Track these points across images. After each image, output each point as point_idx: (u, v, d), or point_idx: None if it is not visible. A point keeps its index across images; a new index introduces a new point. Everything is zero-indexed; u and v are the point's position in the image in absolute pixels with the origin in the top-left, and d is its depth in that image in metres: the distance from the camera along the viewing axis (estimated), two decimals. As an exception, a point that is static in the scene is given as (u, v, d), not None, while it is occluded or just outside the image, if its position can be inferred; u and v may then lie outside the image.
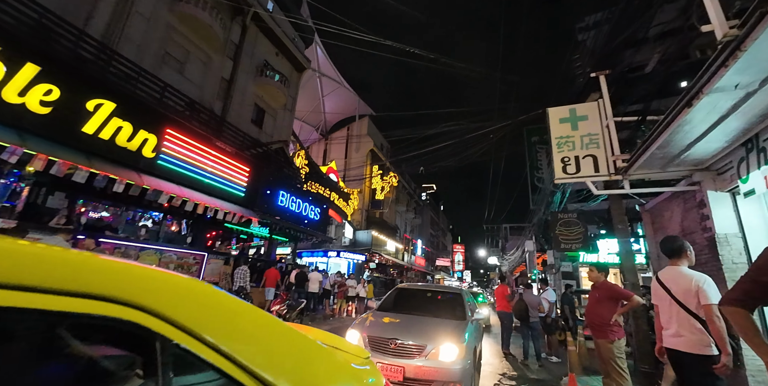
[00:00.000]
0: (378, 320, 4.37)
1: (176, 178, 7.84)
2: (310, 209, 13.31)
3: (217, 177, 9.00)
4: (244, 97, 13.62)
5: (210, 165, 8.77)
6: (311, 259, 21.38)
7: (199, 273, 8.92)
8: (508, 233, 36.11)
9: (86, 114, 6.15)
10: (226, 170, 9.34)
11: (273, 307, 7.52)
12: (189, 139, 8.17)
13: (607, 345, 3.40)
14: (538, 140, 25.72)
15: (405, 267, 28.75)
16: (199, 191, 8.41)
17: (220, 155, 9.15)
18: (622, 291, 3.55)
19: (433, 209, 47.79)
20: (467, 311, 4.70)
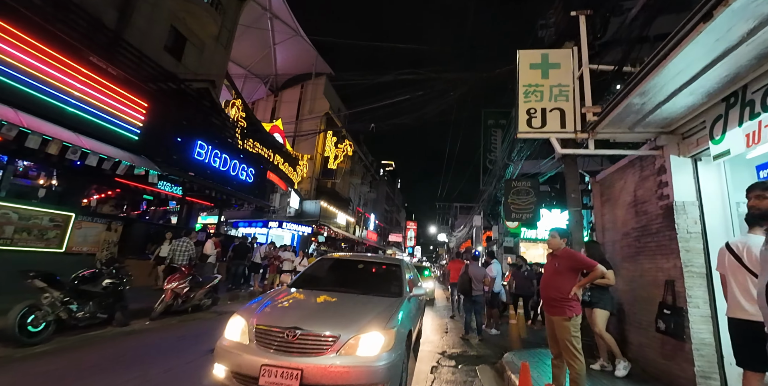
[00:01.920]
0: (280, 301, 3.29)
1: (13, 97, 5.20)
2: (241, 169, 11.01)
3: (91, 108, 6.39)
4: (156, 11, 10.32)
5: (78, 88, 6.12)
6: (248, 230, 19.06)
7: (62, 240, 6.52)
8: (457, 212, 37.07)
9: None
10: (109, 101, 6.73)
11: (168, 284, 5.58)
12: (36, 42, 5.44)
13: (562, 323, 2.90)
14: (494, 124, 25.55)
15: (356, 241, 27.61)
16: (57, 123, 5.82)
17: (98, 78, 6.48)
18: (586, 259, 3.10)
19: (390, 185, 46.87)
20: (405, 286, 3.85)
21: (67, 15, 6.64)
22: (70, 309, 4.06)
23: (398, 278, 3.95)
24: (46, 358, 3.45)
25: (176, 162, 8.37)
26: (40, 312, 3.75)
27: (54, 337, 3.92)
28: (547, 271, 3.20)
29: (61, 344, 3.88)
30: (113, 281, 4.61)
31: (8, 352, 3.46)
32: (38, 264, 5.07)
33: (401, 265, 4.30)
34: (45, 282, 3.87)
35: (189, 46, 11.98)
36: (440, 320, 8.04)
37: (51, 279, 3.96)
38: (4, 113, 4.89)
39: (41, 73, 5.55)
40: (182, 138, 8.61)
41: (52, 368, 3.19)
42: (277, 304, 3.15)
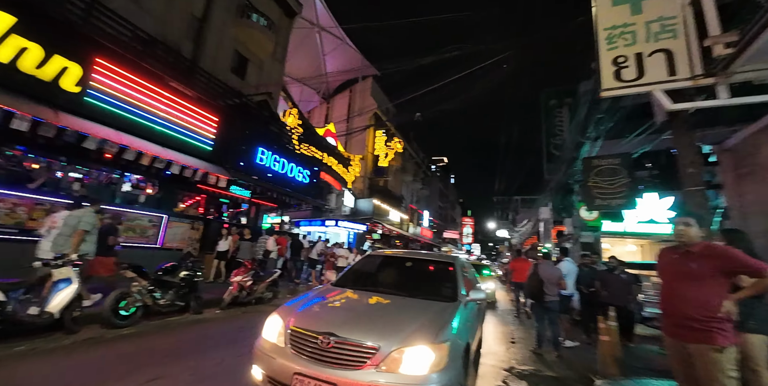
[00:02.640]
0: (318, 300, 3.04)
1: (114, 121, 6.44)
2: (297, 171, 11.93)
3: (174, 125, 7.57)
4: (222, 41, 11.78)
5: (163, 109, 7.31)
6: (309, 228, 20.43)
7: (158, 237, 7.82)
8: (519, 206, 34.68)
9: (-33, 25, 4.66)
10: (188, 119, 7.89)
11: (234, 277, 6.38)
12: (131, 74, 6.65)
13: (710, 355, 2.01)
14: (557, 104, 23.36)
15: (410, 238, 27.79)
16: (148, 139, 7.04)
17: (179, 100, 7.65)
18: (747, 259, 2.08)
19: (443, 181, 46.12)
20: (461, 287, 3.34)
21: (153, 50, 7.94)
22: (154, 296, 4.87)
23: (452, 279, 3.48)
24: (131, 339, 4.14)
25: (242, 168, 9.42)
26: (131, 298, 4.56)
27: (141, 321, 4.71)
28: (672, 275, 2.33)
29: (145, 327, 4.64)
30: (188, 273, 5.41)
31: (102, 332, 4.25)
32: (140, 257, 6.19)
33: (456, 263, 3.78)
34: (134, 273, 4.70)
35: (250, 66, 13.34)
36: (504, 327, 7.16)
37: (138, 270, 4.77)
38: (108, 134, 6.07)
39: (134, 99, 6.76)
40: (246, 146, 9.67)
41: (132, 350, 3.77)
42: (315, 304, 2.92)
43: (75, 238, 4.40)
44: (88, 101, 6.03)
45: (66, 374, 3.08)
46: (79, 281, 4.08)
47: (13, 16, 4.97)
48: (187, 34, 10.63)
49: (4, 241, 5.26)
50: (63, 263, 4.03)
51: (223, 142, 8.85)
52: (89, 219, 4.60)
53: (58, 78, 5.58)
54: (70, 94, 5.75)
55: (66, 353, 3.59)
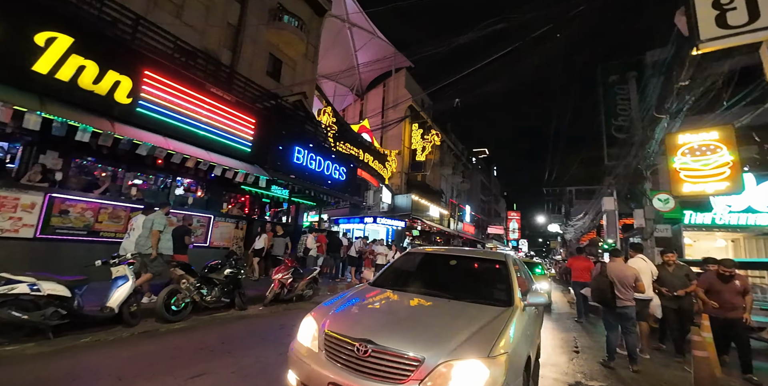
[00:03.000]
0: (358, 302, 2.84)
1: (162, 128, 6.89)
2: (334, 169, 12.05)
3: (215, 129, 7.94)
4: (257, 45, 12.20)
5: (205, 115, 7.68)
6: (347, 226, 20.72)
7: (206, 237, 8.30)
8: (573, 197, 31.89)
9: (36, 50, 5.20)
10: (227, 122, 8.23)
11: (275, 275, 6.56)
12: (175, 83, 7.06)
13: None
14: (618, 80, 20.82)
15: (452, 235, 27.13)
16: (192, 144, 7.44)
17: (219, 105, 8.01)
18: None
19: (484, 173, 44.16)
20: (515, 290, 2.92)
21: (195, 60, 8.38)
22: (201, 293, 5.12)
23: (505, 280, 3.06)
24: (181, 334, 4.38)
25: (280, 167, 9.69)
26: (180, 294, 4.83)
27: (191, 316, 4.99)
28: None
29: (194, 322, 4.90)
30: (232, 271, 5.62)
31: (156, 326, 4.56)
32: (191, 256, 6.58)
33: (507, 261, 3.32)
34: (182, 270, 4.98)
35: (284, 67, 13.72)
36: (565, 333, 6.36)
37: (187, 268, 5.05)
38: (157, 140, 6.50)
39: (178, 106, 7.17)
40: (283, 146, 9.93)
41: (181, 344, 3.95)
42: (352, 306, 2.71)
43: (153, 238, 5.04)
44: (139, 111, 6.50)
45: (121, 365, 3.29)
46: (134, 278, 4.39)
47: (71, 37, 5.45)
48: (225, 42, 11.14)
49: (75, 242, 5.87)
50: (120, 262, 4.36)
51: (261, 143, 9.15)
52: (161, 221, 5.18)
53: (113, 91, 6.07)
54: (123, 106, 6.24)
55: (123, 345, 3.87)
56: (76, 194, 6.02)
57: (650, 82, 8.44)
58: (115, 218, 6.41)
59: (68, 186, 6.43)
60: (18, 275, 3.55)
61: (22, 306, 3.52)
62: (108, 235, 6.30)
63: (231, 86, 9.13)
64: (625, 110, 19.96)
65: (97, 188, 6.84)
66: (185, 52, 8.18)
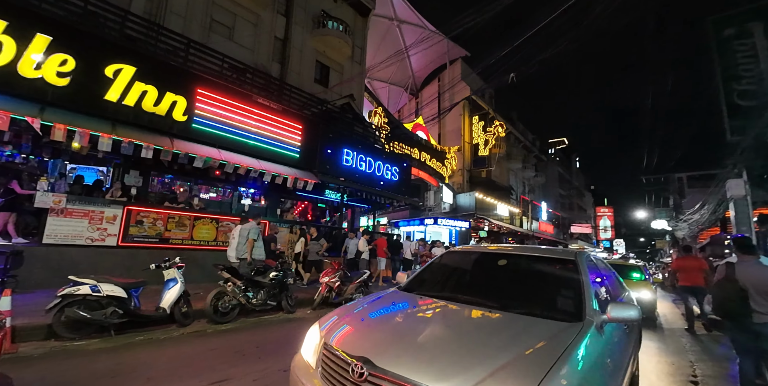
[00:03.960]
0: (373, 310, 2.35)
1: (215, 141, 7.42)
2: (385, 169, 11.79)
3: (264, 138, 8.32)
4: (303, 54, 12.66)
5: (253, 125, 8.10)
6: (408, 228, 20.28)
7: (265, 240, 8.69)
8: (684, 186, 26.21)
9: (106, 81, 5.99)
10: (275, 130, 8.58)
11: (322, 278, 6.49)
12: (224, 98, 7.57)
13: None
14: (736, 34, 16.61)
15: (525, 235, 24.67)
16: (244, 154, 7.89)
17: (265, 114, 8.39)
18: None
19: (563, 165, 39.34)
20: (588, 299, 2.15)
21: (243, 74, 8.95)
22: (247, 296, 5.18)
23: (574, 285, 2.29)
24: (225, 335, 4.44)
25: (329, 171, 9.78)
26: (227, 297, 4.94)
27: (239, 318, 5.07)
28: None
29: (242, 324, 4.95)
30: (277, 274, 5.65)
31: (205, 327, 4.69)
32: None
33: (579, 261, 2.54)
34: (229, 273, 5.11)
35: (332, 73, 14.03)
36: (675, 356, 4.83)
37: (233, 271, 5.14)
38: (210, 153, 6.99)
39: (229, 119, 7.65)
40: (331, 149, 10.01)
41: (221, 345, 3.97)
42: (364, 315, 2.26)
43: (248, 245, 5.87)
44: (194, 126, 7.11)
45: (159, 364, 3.39)
46: (182, 280, 4.65)
47: (134, 66, 6.17)
48: (274, 55, 11.78)
49: (149, 249, 6.59)
50: (169, 266, 4.66)
51: (309, 148, 9.34)
52: (255, 230, 5.99)
53: (171, 111, 6.72)
54: (180, 123, 6.87)
55: (170, 344, 4.05)
56: (148, 205, 6.78)
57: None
58: (181, 226, 7.08)
59: (148, 200, 7.38)
60: (82, 278, 3.97)
61: (89, 305, 3.91)
62: (176, 242, 6.98)
63: (277, 96, 9.54)
64: (751, 70, 15.81)
65: (175, 201, 7.70)
66: (234, 69, 8.78)
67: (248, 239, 5.85)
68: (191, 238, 7.24)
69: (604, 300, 2.39)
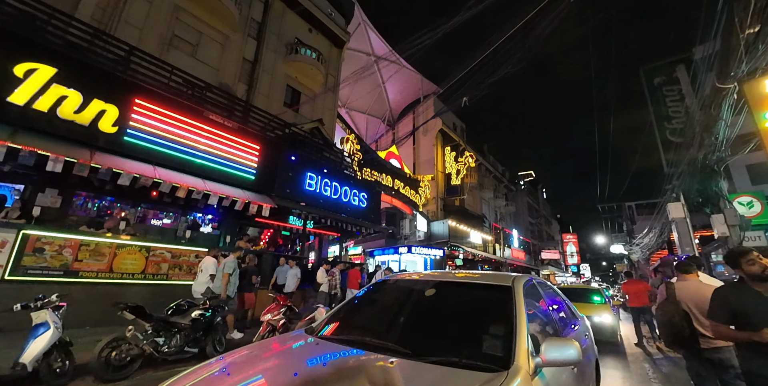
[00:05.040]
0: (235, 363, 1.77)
1: (152, 157, 6.51)
2: (353, 195, 11.10)
3: (213, 157, 7.49)
4: (274, 78, 12.36)
5: (201, 142, 7.30)
6: (383, 257, 19.31)
7: (207, 272, 7.52)
8: (634, 214, 28.09)
9: (14, 81, 5.12)
10: (227, 149, 7.79)
11: (263, 316, 5.40)
12: (168, 111, 6.81)
13: None
14: (665, 81, 18.68)
15: (499, 262, 24.19)
16: (188, 173, 6.98)
17: (217, 132, 7.65)
18: None
19: (531, 195, 40.74)
20: (520, 338, 1.66)
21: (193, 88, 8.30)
22: (155, 342, 4.02)
23: (504, 319, 1.83)
24: None
25: (288, 195, 8.95)
26: (125, 345, 3.77)
27: (142, 371, 3.87)
28: None
29: (143, 380, 3.77)
30: (203, 313, 4.58)
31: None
32: (188, 295, 5.75)
33: (514, 286, 2.10)
34: (133, 314, 3.93)
35: (303, 98, 13.73)
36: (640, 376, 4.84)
37: (139, 311, 3.99)
38: (143, 170, 6.06)
39: (172, 134, 6.84)
40: (293, 173, 9.27)
41: None
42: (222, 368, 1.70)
43: (222, 280, 5.49)
44: (127, 139, 6.21)
45: None
46: (58, 326, 3.51)
47: (53, 68, 5.37)
48: (241, 76, 11.35)
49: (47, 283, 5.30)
50: (41, 306, 3.54)
51: (267, 170, 8.56)
52: (231, 264, 5.68)
53: (97, 120, 5.84)
54: (109, 135, 5.96)
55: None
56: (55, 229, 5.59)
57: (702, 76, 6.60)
58: (98, 256, 5.87)
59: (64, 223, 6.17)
60: None
61: None
62: (88, 275, 5.72)
63: (236, 115, 8.90)
64: (678, 112, 17.70)
65: (99, 225, 6.52)
66: (190, 84, 8.15)
67: (223, 273, 5.52)
68: (110, 270, 6.00)
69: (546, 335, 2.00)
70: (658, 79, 18.53)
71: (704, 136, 5.85)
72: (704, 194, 7.13)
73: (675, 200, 9.70)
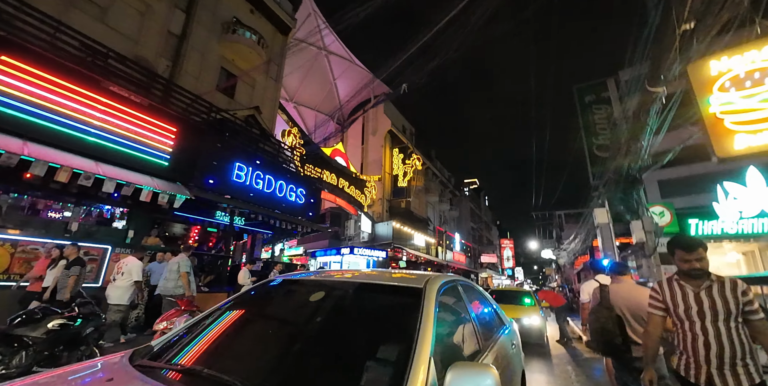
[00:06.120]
0: None
1: (23, 129, 5.26)
2: (289, 190, 10.36)
3: (111, 135, 6.34)
4: (206, 59, 11.14)
5: (96, 117, 6.13)
6: (325, 258, 18.64)
7: (98, 274, 6.34)
8: (563, 222, 31.07)
9: None
10: (133, 128, 6.67)
11: (157, 325, 4.55)
12: (51, 75, 5.57)
13: None
14: (594, 100, 20.82)
15: (440, 264, 24.85)
16: (77, 152, 5.80)
17: (119, 107, 6.50)
18: None
19: (474, 201, 42.90)
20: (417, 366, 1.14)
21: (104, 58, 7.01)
22: None
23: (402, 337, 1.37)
24: None
25: (212, 186, 7.98)
26: None
27: None
28: None
29: None
30: (64, 322, 3.67)
31: None
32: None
33: (424, 293, 1.62)
34: None
35: (241, 84, 12.61)
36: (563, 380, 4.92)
37: None
38: (6, 143, 4.83)
39: (56, 104, 5.61)
40: (219, 162, 8.31)
41: None
42: None
43: (183, 279, 5.34)
44: (-17, 104, 4.91)
45: None
46: None
47: None
48: (164, 51, 10.01)
49: None
50: None
51: (186, 157, 7.53)
52: (187, 262, 5.50)
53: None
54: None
55: None
56: None
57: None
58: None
59: None
60: None
61: None
62: None
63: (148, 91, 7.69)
64: (605, 129, 19.86)
65: None
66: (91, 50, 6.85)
67: (181, 273, 5.34)
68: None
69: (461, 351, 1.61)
70: (589, 98, 20.45)
71: (631, 143, 6.31)
72: (626, 202, 7.80)
73: (600, 206, 10.60)
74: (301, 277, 2.12)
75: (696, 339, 1.88)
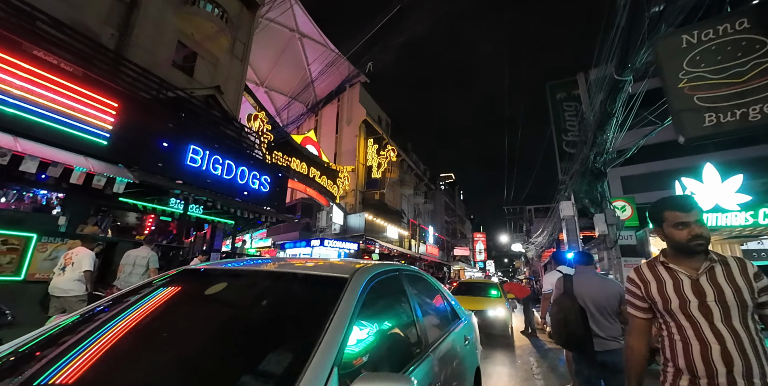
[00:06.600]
0: None
1: None
2: (252, 177, 9.73)
3: (37, 108, 5.51)
4: (160, 31, 10.11)
5: (17, 85, 5.29)
6: (294, 250, 18.08)
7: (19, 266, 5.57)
8: (532, 216, 32.25)
9: None
10: (65, 101, 5.85)
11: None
12: None
13: None
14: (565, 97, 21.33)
15: (413, 257, 24.94)
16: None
17: (47, 75, 5.65)
18: None
19: (449, 195, 43.47)
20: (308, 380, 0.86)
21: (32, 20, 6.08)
22: None
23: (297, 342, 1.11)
24: None
25: (160, 169, 7.27)
26: None
27: None
28: None
29: None
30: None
31: None
32: None
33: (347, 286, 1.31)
34: None
35: (201, 62, 11.65)
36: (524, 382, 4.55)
37: None
38: None
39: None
40: (170, 143, 7.57)
41: None
42: None
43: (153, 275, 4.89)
44: None
45: None
46: None
47: None
48: (109, 19, 8.95)
49: None
50: None
51: (131, 136, 6.76)
52: (155, 258, 5.46)
53: None
54: None
55: None
56: None
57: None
58: None
59: None
60: None
61: None
62: None
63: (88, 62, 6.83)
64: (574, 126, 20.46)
65: None
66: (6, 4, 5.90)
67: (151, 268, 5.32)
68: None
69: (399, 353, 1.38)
70: (560, 95, 20.97)
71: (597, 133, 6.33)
72: (590, 195, 7.95)
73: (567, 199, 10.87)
74: (208, 266, 1.76)
75: (707, 349, 1.22)
